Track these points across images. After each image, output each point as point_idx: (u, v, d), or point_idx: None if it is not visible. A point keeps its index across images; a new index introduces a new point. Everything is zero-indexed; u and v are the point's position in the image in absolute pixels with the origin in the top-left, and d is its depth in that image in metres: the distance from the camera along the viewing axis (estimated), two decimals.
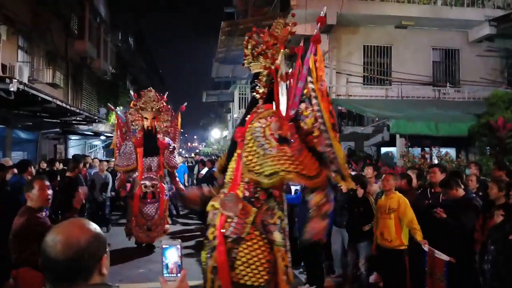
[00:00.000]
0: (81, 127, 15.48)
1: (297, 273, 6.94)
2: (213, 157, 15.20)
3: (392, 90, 12.81)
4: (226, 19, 16.11)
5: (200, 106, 40.84)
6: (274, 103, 3.57)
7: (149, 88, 7.87)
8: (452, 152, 9.67)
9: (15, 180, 6.43)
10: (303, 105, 3.33)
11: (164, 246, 1.56)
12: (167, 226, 8.22)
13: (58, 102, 9.79)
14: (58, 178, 7.26)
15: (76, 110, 11.85)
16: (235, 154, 3.51)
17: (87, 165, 10.15)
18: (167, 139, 8.16)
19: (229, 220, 3.22)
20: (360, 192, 5.56)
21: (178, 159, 9.24)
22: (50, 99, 9.23)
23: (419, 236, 4.87)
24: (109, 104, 8.99)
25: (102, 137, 19.40)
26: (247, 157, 3.28)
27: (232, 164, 3.54)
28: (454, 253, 4.53)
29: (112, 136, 19.85)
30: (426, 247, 4.79)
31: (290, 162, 3.09)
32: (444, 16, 12.45)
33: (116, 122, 7.97)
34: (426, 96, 12.67)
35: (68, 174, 7.38)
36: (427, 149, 9.26)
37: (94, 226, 1.42)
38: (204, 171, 11.28)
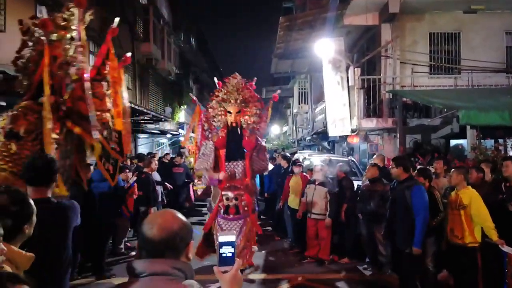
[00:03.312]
0: (148, 126, 16.21)
1: (361, 269, 6.86)
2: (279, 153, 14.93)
3: (461, 79, 12.13)
4: (284, 14, 16.09)
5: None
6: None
7: (234, 74, 6.35)
8: None
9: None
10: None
11: (220, 238, 1.66)
12: (254, 247, 6.61)
13: (128, 103, 10.33)
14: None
15: (144, 110, 12.43)
16: None
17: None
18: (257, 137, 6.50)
19: None
20: (425, 186, 5.36)
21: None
22: None
23: (494, 236, 4.59)
24: (191, 94, 7.23)
25: (168, 135, 20.19)
26: None
27: None
28: None
29: (177, 134, 20.75)
30: (505, 248, 4.51)
31: (9, 159, 2.87)
32: None
33: (197, 116, 6.64)
34: (499, 84, 11.85)
35: (145, 170, 7.99)
36: (500, 140, 8.69)
37: (183, 217, 1.67)
38: (270, 167, 11.23)
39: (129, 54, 4.10)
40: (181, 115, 23.79)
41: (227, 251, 1.64)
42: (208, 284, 3.12)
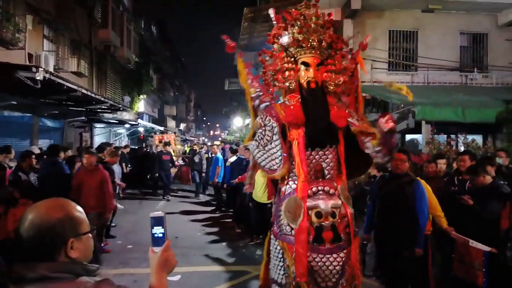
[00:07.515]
0: (105, 115, 15.74)
1: None
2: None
3: (418, 76, 12.58)
4: (249, 5, 16.01)
5: (223, 94, 41.05)
6: None
7: (305, 1, 3.73)
8: (478, 139, 9.47)
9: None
10: None
11: (152, 214, 1.61)
12: None
13: (84, 91, 9.95)
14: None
15: (101, 98, 12.03)
16: None
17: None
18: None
19: None
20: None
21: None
22: (75, 87, 9.39)
23: (444, 223, 4.80)
24: (225, 38, 3.86)
25: (127, 125, 19.70)
26: None
27: None
28: (482, 241, 4.45)
29: (136, 125, 20.22)
30: (453, 235, 4.73)
31: None
32: None
33: (245, 77, 3.88)
34: (452, 81, 12.41)
35: (106, 160, 7.93)
36: (453, 135, 9.07)
37: (69, 209, 1.43)
38: (232, 159, 11.21)
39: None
40: (141, 105, 23.24)
41: (158, 231, 1.59)
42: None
